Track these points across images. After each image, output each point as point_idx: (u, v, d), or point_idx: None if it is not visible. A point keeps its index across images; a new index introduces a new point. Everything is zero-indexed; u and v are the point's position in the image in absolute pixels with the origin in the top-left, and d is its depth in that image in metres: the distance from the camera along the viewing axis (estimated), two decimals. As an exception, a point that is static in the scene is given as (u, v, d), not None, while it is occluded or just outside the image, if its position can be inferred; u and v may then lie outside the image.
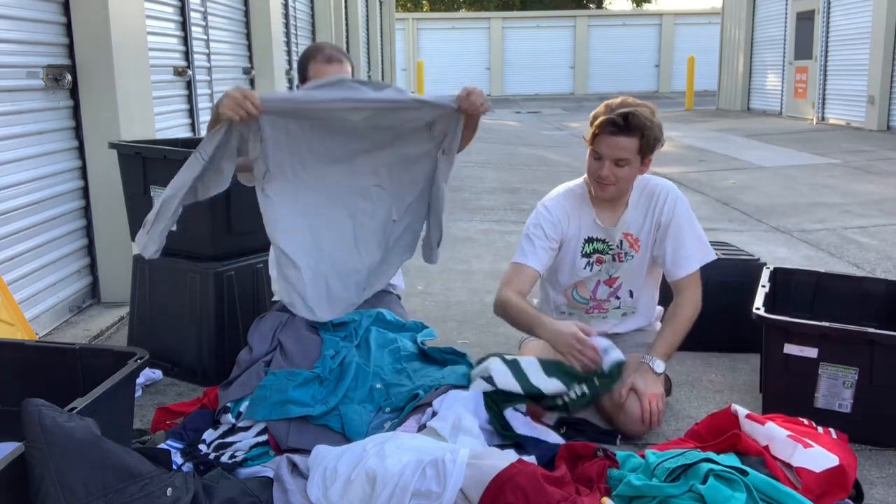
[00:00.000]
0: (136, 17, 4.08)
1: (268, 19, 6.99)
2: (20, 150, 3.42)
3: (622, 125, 2.43)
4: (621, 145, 2.45)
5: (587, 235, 2.67)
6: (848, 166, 8.69)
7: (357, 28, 13.18)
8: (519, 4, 31.06)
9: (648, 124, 2.45)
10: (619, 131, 2.44)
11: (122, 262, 3.69)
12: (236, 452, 2.22)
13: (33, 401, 1.62)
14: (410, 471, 1.86)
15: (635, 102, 2.50)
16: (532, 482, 1.80)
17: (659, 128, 2.51)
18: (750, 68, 17.46)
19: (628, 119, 2.43)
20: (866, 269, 4.49)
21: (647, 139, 2.47)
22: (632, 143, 2.45)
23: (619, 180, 2.52)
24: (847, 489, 2.04)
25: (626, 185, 2.56)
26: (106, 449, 1.63)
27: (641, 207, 2.65)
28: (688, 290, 2.64)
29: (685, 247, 2.62)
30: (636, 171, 2.54)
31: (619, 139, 2.45)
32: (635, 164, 2.51)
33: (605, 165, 2.49)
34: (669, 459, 1.97)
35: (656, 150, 2.54)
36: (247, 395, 2.38)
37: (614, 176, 2.50)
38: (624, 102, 2.49)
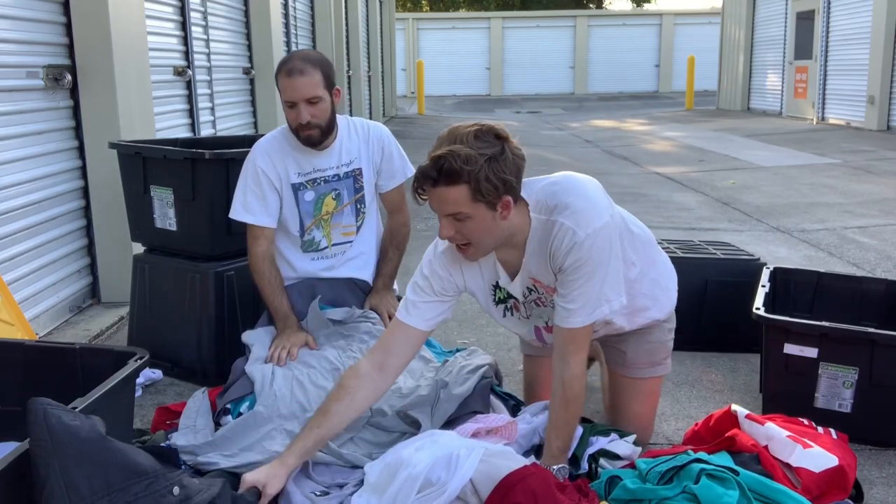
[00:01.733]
0: (136, 17, 4.08)
1: (268, 19, 6.99)
2: (20, 150, 3.42)
3: (436, 176, 1.91)
4: (446, 198, 1.93)
5: (495, 281, 2.26)
6: (848, 166, 8.69)
7: (357, 28, 13.17)
8: (519, 4, 31.04)
9: (469, 166, 1.87)
10: (436, 183, 1.92)
11: (122, 262, 3.69)
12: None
13: (39, 399, 1.61)
14: (426, 462, 1.89)
15: (462, 133, 1.92)
16: (543, 486, 1.80)
17: (495, 161, 1.89)
18: (750, 68, 17.46)
19: (441, 166, 1.89)
20: (866, 269, 4.49)
21: (477, 183, 1.88)
22: (459, 193, 1.91)
23: (470, 237, 2.00)
24: (847, 489, 2.05)
25: (486, 239, 2.02)
26: (111, 447, 1.62)
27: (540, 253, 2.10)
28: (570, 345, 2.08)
29: (573, 298, 2.05)
30: (490, 221, 1.97)
31: (439, 191, 1.92)
32: (479, 214, 1.94)
33: (443, 225, 1.99)
34: (661, 464, 1.97)
35: (506, 189, 1.93)
36: (247, 394, 2.38)
37: (461, 234, 1.99)
38: (446, 138, 1.94)
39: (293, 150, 2.69)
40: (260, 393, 2.34)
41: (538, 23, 26.85)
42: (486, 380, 2.44)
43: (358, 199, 2.77)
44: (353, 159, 2.74)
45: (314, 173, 2.71)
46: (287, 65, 2.57)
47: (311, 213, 2.73)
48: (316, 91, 2.55)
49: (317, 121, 2.58)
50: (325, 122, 2.61)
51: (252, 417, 2.26)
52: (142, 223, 3.14)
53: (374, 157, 2.78)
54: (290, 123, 2.62)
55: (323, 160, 2.71)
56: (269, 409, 2.28)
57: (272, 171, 2.66)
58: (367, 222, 2.82)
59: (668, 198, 6.97)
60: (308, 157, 2.70)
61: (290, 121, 2.61)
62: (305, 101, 2.54)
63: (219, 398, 2.44)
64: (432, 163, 1.90)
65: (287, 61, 2.59)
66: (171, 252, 3.11)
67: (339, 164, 2.73)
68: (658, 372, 2.45)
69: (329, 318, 2.66)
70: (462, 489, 1.83)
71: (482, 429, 2.18)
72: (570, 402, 2.09)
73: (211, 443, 2.22)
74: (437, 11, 31.10)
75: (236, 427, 2.26)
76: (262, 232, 2.68)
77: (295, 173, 2.69)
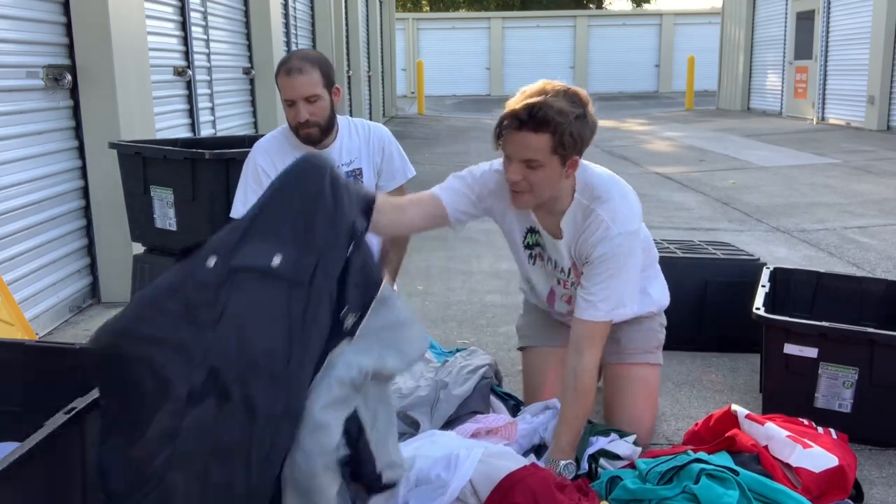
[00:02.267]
0: (136, 17, 4.08)
1: (268, 19, 6.99)
2: (20, 150, 3.42)
3: (525, 119, 1.99)
4: (528, 144, 2.01)
5: (529, 226, 2.31)
6: (848, 166, 8.69)
7: (357, 28, 13.17)
8: (519, 4, 31.05)
9: (560, 118, 1.97)
10: (523, 126, 2.00)
11: (122, 262, 3.70)
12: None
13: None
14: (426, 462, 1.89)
15: (552, 89, 2.02)
16: (543, 487, 1.80)
17: (581, 117, 2.02)
18: (750, 68, 17.46)
19: (535, 111, 1.98)
20: (866, 269, 4.49)
21: (561, 136, 1.99)
22: (541, 141, 1.99)
23: (533, 186, 2.07)
24: (847, 489, 2.05)
25: (546, 192, 2.11)
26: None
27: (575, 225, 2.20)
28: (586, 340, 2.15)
29: (595, 291, 2.13)
30: (556, 176, 2.07)
31: (524, 135, 2.01)
32: (552, 166, 2.04)
33: (512, 168, 2.07)
34: (661, 464, 1.97)
35: (582, 149, 2.07)
36: None
37: (527, 181, 2.06)
38: (537, 90, 2.03)
39: (293, 149, 2.69)
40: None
41: (538, 23, 26.85)
42: (485, 380, 2.44)
43: None
44: (353, 159, 2.75)
45: None
46: (286, 64, 2.59)
47: None
48: (314, 90, 2.57)
49: (315, 119, 2.60)
50: (324, 121, 2.62)
51: None
52: (142, 223, 3.15)
53: (375, 158, 2.79)
54: (290, 122, 2.63)
55: None
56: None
57: (273, 170, 2.67)
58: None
59: (668, 198, 6.97)
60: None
61: (289, 119, 2.62)
62: (304, 99, 2.57)
63: None
64: (525, 108, 1.98)
65: (286, 60, 2.61)
66: (171, 252, 3.11)
67: (340, 163, 2.73)
68: (651, 359, 2.50)
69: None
70: (461, 490, 1.83)
71: (482, 429, 2.18)
72: (581, 394, 2.14)
73: None
74: (437, 11, 31.10)
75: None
76: None
77: None
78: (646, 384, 2.47)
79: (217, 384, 1.43)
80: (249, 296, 1.49)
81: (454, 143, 11.90)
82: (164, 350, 1.47)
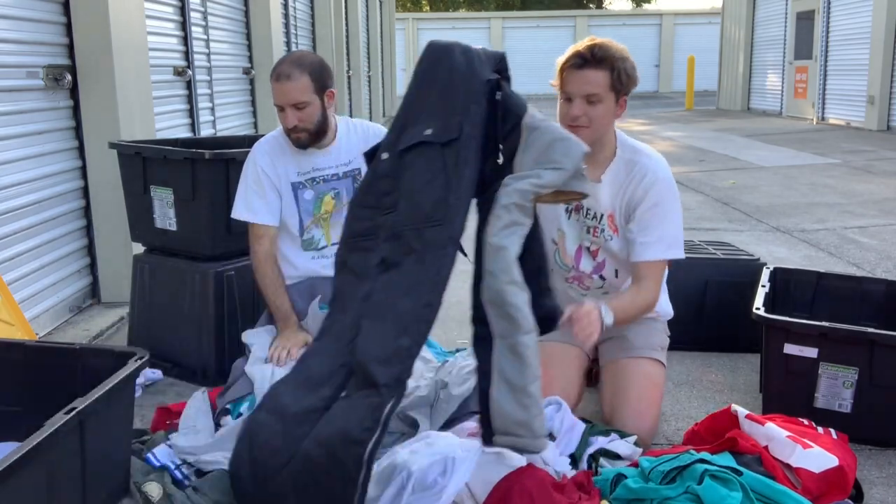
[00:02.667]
0: (136, 17, 4.08)
1: (268, 19, 6.99)
2: (20, 150, 3.42)
3: (589, 57, 2.25)
4: (590, 79, 2.25)
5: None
6: (848, 166, 8.69)
7: (357, 28, 13.18)
8: (519, 4, 31.06)
9: (618, 56, 2.26)
10: (585, 64, 2.25)
11: (122, 262, 3.70)
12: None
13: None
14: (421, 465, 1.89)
15: (604, 40, 2.32)
16: (540, 488, 1.80)
17: (632, 65, 2.30)
18: (750, 68, 17.46)
19: (595, 51, 2.25)
20: (866, 269, 4.49)
21: (618, 73, 2.26)
22: (602, 78, 2.25)
23: (592, 121, 2.29)
24: (847, 490, 2.05)
25: (602, 128, 2.33)
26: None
27: (620, 180, 2.39)
28: (646, 280, 2.37)
29: (649, 232, 2.35)
30: (611, 113, 2.31)
31: (586, 73, 2.26)
32: (608, 102, 2.29)
33: (575, 104, 2.28)
34: (663, 463, 1.97)
35: (630, 90, 2.33)
36: (247, 394, 2.38)
37: (587, 116, 2.28)
38: (588, 39, 2.33)
39: (292, 149, 2.70)
40: (259, 393, 2.34)
41: (538, 23, 26.86)
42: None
43: None
44: (351, 159, 2.75)
45: (313, 172, 2.72)
46: (276, 69, 2.58)
47: (311, 211, 2.74)
48: (302, 96, 2.55)
49: (303, 125, 2.59)
50: (314, 126, 2.61)
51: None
52: (142, 223, 3.14)
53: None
54: (283, 126, 2.64)
55: (322, 160, 2.73)
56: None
57: (272, 170, 2.68)
58: None
59: (668, 198, 6.97)
60: (307, 157, 2.71)
61: (282, 124, 2.64)
62: (292, 105, 2.56)
63: (219, 398, 2.44)
64: (587, 48, 2.26)
65: (277, 65, 2.60)
66: (171, 252, 3.11)
67: (338, 163, 2.74)
68: (656, 355, 2.52)
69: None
70: (459, 494, 1.83)
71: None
72: (641, 294, 2.35)
73: (212, 444, 2.22)
74: (437, 11, 31.11)
75: (237, 428, 2.25)
76: (265, 231, 2.69)
77: (294, 172, 2.71)
78: (649, 379, 2.47)
79: (401, 245, 1.88)
80: (414, 168, 1.91)
81: (454, 143, 11.88)
82: (363, 240, 1.95)
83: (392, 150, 1.97)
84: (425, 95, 1.96)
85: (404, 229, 1.88)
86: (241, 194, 2.71)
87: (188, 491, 2.05)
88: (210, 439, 2.24)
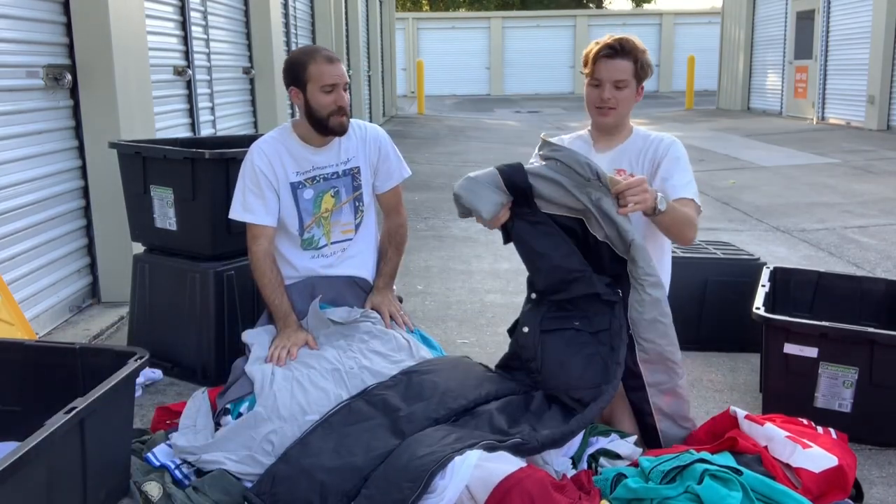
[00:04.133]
0: (136, 17, 4.08)
1: (268, 19, 6.98)
2: (20, 149, 3.42)
3: (618, 48, 2.59)
4: (619, 67, 2.59)
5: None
6: (848, 166, 8.69)
7: (357, 28, 13.17)
8: (519, 4, 31.05)
9: (640, 48, 2.62)
10: (615, 54, 2.59)
11: (122, 262, 3.70)
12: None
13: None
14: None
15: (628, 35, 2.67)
16: (539, 488, 1.80)
17: (649, 58, 2.67)
18: (750, 68, 17.46)
19: (623, 44, 2.60)
20: (866, 269, 4.49)
21: (641, 64, 2.61)
22: (628, 66, 2.60)
23: (619, 103, 2.62)
24: (847, 489, 2.05)
25: (626, 109, 2.66)
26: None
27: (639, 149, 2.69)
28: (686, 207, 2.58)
29: (675, 177, 2.59)
30: (633, 98, 2.65)
31: (616, 62, 2.59)
32: (632, 88, 2.63)
33: (605, 89, 2.61)
34: (663, 463, 1.97)
35: (646, 78, 2.68)
36: (247, 394, 2.38)
37: (615, 99, 2.61)
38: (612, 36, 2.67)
39: (292, 149, 2.71)
40: (259, 393, 2.34)
41: (538, 23, 26.84)
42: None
43: (356, 198, 2.80)
44: (350, 157, 2.78)
45: (313, 171, 2.73)
46: (322, 52, 2.67)
47: (311, 210, 2.74)
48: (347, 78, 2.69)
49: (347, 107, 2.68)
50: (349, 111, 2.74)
51: (252, 418, 2.26)
52: (142, 223, 3.14)
53: (371, 157, 2.82)
54: (322, 110, 2.64)
55: (322, 157, 2.74)
56: (268, 410, 2.28)
57: (269, 170, 2.69)
58: (365, 221, 2.84)
59: (668, 198, 6.97)
60: (307, 155, 2.72)
61: (323, 106, 2.63)
62: (344, 84, 2.66)
63: (219, 398, 2.44)
64: (616, 41, 2.61)
65: (318, 50, 2.68)
66: (171, 252, 3.11)
67: (338, 161, 2.76)
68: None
69: (329, 319, 2.67)
70: (458, 496, 1.82)
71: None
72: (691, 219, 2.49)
73: (212, 444, 2.22)
74: (437, 11, 31.10)
75: (237, 428, 2.26)
76: (263, 231, 2.69)
77: (294, 172, 2.71)
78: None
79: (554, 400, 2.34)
80: (553, 344, 2.41)
81: (454, 143, 11.90)
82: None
83: (533, 328, 2.50)
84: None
85: (555, 388, 2.39)
86: (238, 194, 2.72)
87: (188, 490, 2.05)
88: (210, 439, 2.24)
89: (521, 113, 18.96)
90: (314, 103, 2.63)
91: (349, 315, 2.68)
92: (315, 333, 2.63)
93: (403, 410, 2.22)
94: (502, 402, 2.31)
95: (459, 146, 11.50)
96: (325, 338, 2.62)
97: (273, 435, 2.22)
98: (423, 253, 4.97)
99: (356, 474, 2.00)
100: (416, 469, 1.92)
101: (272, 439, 2.21)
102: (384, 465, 2.01)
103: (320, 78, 2.62)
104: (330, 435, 2.16)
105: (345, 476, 2.00)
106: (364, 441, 2.12)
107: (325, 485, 1.98)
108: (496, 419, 2.20)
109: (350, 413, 2.24)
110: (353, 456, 2.06)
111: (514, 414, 2.26)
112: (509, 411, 2.27)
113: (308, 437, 2.16)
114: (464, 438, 2.04)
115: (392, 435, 2.13)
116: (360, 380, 2.41)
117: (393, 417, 2.21)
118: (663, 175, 2.60)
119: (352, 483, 1.98)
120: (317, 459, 2.06)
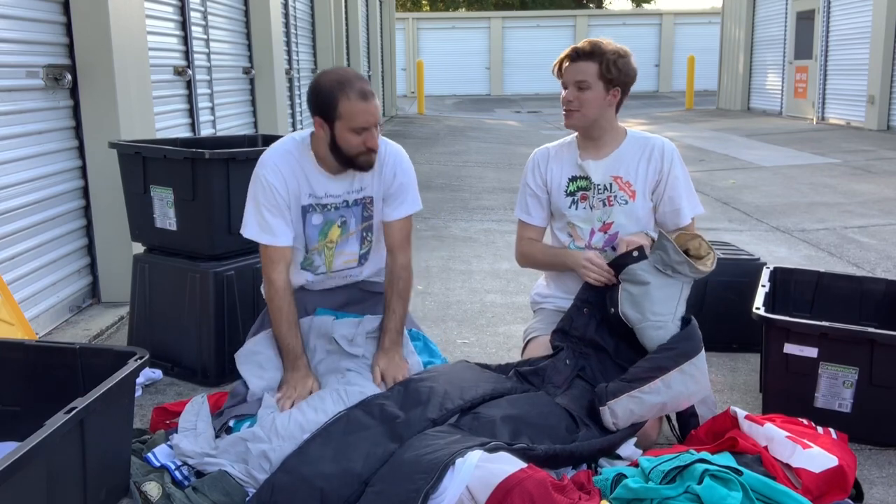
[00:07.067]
0: (136, 17, 4.08)
1: (268, 19, 6.99)
2: (20, 149, 3.42)
3: (580, 52, 2.62)
4: (580, 69, 2.60)
5: (570, 175, 2.74)
6: (848, 166, 8.69)
7: (357, 28, 13.18)
8: (519, 4, 31.05)
9: (609, 50, 2.59)
10: (577, 57, 2.62)
11: (122, 262, 3.70)
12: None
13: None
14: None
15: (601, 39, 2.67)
16: (540, 489, 1.80)
17: (624, 60, 2.60)
18: (750, 68, 17.46)
19: (590, 46, 2.62)
20: (866, 269, 4.49)
21: (607, 64, 2.58)
22: (590, 67, 2.59)
23: (582, 105, 2.62)
24: (847, 489, 2.04)
25: (592, 111, 2.64)
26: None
27: (635, 154, 2.71)
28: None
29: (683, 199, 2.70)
30: (601, 99, 2.62)
31: (577, 64, 2.61)
32: (597, 89, 2.60)
33: (568, 90, 2.64)
34: (663, 463, 1.97)
35: (626, 83, 2.63)
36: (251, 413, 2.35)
37: (577, 100, 2.62)
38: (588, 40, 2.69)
39: (308, 170, 2.48)
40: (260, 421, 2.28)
41: (538, 23, 26.85)
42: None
43: (365, 228, 2.60)
44: (364, 186, 2.56)
45: (325, 198, 2.51)
46: (356, 86, 2.35)
47: (315, 238, 2.56)
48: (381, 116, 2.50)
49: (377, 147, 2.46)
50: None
51: (250, 435, 2.23)
52: (142, 223, 3.14)
53: (387, 181, 2.58)
54: (351, 150, 2.39)
55: (336, 186, 2.51)
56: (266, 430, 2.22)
57: (283, 188, 2.45)
58: (372, 252, 2.66)
59: (668, 198, 6.97)
60: (323, 181, 2.49)
61: (352, 147, 2.38)
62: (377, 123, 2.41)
63: (226, 407, 2.41)
64: (584, 43, 2.63)
65: (351, 82, 2.36)
66: (171, 252, 3.11)
67: (351, 189, 2.54)
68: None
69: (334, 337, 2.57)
70: (459, 497, 1.82)
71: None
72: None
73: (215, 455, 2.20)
74: (437, 11, 31.09)
75: (234, 440, 2.23)
76: (282, 255, 2.47)
77: (307, 195, 2.49)
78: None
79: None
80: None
81: (454, 143, 11.90)
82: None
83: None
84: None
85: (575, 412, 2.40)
86: (251, 211, 2.48)
87: (188, 491, 2.05)
88: (211, 446, 2.23)
89: (521, 113, 18.96)
90: (342, 142, 2.37)
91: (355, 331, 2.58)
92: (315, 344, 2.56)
93: (401, 418, 2.21)
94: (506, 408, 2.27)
95: (459, 146, 11.50)
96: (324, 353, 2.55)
97: (272, 452, 2.16)
98: (423, 253, 4.97)
99: (355, 480, 1.99)
100: (428, 462, 1.92)
101: (270, 457, 2.15)
102: (388, 465, 2.00)
103: (352, 119, 2.34)
104: (328, 443, 2.14)
105: (344, 482, 1.99)
106: (363, 448, 2.09)
107: (325, 491, 1.98)
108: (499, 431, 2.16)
109: (348, 422, 2.21)
110: (352, 462, 2.05)
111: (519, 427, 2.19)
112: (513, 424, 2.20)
113: (306, 446, 2.14)
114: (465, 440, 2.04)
115: (390, 440, 2.12)
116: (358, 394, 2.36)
117: (391, 425, 2.18)
118: (671, 194, 2.69)
119: (351, 489, 1.98)
120: (315, 467, 2.06)
